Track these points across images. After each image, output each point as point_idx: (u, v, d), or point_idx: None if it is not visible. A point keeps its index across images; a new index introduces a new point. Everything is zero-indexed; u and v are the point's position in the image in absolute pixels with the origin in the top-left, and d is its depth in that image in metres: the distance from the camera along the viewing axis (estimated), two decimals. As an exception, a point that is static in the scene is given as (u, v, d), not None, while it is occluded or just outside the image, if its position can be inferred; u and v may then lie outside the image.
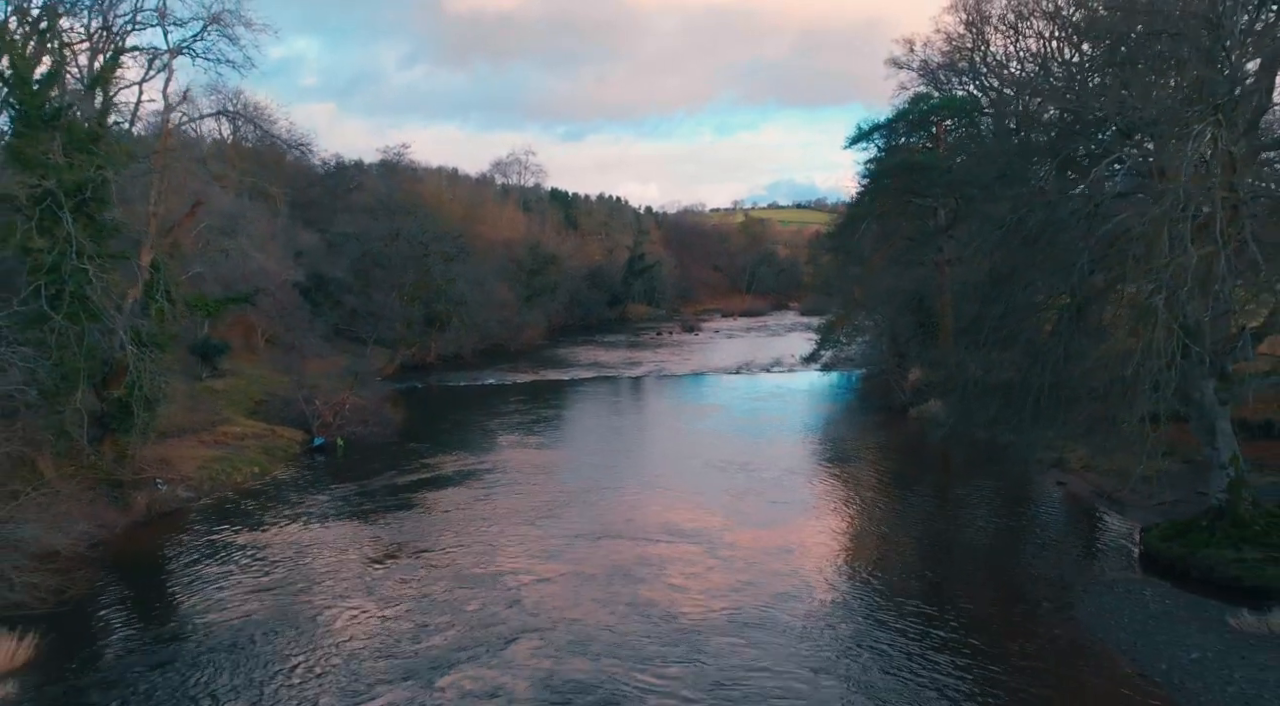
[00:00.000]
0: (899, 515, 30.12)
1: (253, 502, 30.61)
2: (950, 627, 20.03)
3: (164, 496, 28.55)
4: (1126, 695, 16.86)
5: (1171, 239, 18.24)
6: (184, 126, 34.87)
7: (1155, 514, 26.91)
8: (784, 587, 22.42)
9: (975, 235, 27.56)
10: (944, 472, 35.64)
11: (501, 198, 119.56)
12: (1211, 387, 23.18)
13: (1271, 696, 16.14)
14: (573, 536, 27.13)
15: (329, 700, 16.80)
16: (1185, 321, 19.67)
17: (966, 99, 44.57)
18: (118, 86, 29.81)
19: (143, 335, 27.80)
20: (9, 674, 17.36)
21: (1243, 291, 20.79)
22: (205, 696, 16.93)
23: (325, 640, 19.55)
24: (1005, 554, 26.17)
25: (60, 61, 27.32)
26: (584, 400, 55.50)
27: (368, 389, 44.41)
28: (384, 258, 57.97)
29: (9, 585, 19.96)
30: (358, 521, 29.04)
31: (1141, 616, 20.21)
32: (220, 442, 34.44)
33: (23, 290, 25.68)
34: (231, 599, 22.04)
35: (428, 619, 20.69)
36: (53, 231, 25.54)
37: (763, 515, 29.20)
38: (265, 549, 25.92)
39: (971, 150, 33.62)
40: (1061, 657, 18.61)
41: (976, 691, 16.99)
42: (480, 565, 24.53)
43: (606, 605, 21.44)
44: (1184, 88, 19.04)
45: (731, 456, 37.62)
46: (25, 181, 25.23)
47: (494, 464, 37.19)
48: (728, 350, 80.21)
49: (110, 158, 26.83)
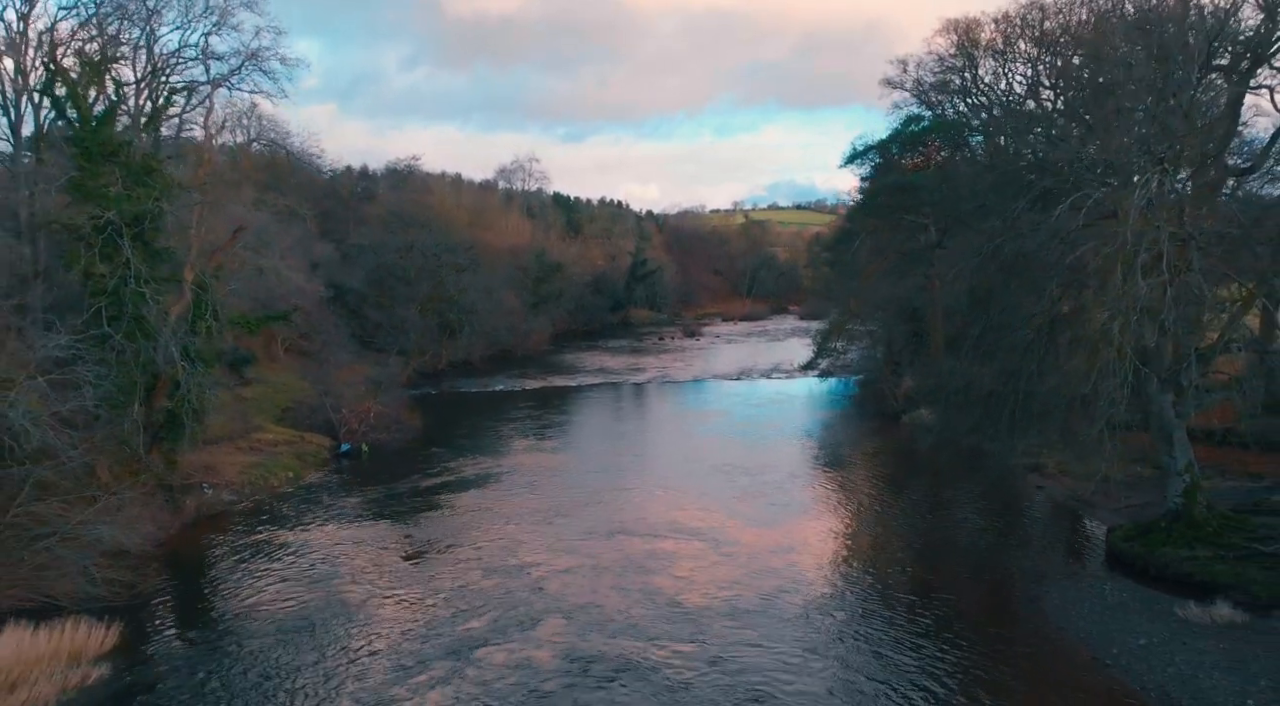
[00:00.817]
0: (889, 516, 32.56)
1: (290, 505, 33.02)
2: (932, 617, 22.46)
3: (210, 500, 30.96)
4: (1080, 676, 19.32)
5: (1124, 273, 20.64)
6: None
7: (1122, 516, 29.30)
8: (781, 581, 24.86)
9: (956, 260, 29.92)
10: (932, 476, 38.00)
11: (506, 204, 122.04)
12: (1169, 402, 25.61)
13: (1206, 676, 18.59)
14: (587, 533, 29.62)
15: (381, 676, 19.25)
16: (1140, 344, 22.11)
17: (956, 121, 46.91)
18: (165, 120, 32.20)
19: (191, 351, 30.22)
20: (100, 657, 19.72)
21: (1193, 315, 23.15)
22: (273, 673, 19.36)
23: (373, 625, 22.02)
24: (985, 551, 28.55)
25: (116, 101, 29.76)
26: (591, 406, 57.90)
27: (388, 396, 46.77)
28: (399, 269, 60.35)
29: (91, 580, 22.40)
30: (389, 521, 31.45)
31: (1100, 608, 22.65)
32: (256, 449, 36.83)
33: (84, 311, 28.07)
34: (283, 591, 24.47)
35: (462, 605, 23.22)
36: (113, 258, 27.96)
37: (763, 515, 31.62)
38: (307, 547, 28.34)
39: (955, 177, 35.84)
40: (1028, 644, 21.05)
41: (952, 672, 19.42)
42: (505, 559, 27.02)
43: (620, 592, 24.01)
44: (1136, 138, 21.41)
45: (733, 460, 40.04)
46: (89, 212, 27.64)
47: (510, 467, 39.59)
48: (728, 356, 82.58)
49: (163, 189, 29.24)
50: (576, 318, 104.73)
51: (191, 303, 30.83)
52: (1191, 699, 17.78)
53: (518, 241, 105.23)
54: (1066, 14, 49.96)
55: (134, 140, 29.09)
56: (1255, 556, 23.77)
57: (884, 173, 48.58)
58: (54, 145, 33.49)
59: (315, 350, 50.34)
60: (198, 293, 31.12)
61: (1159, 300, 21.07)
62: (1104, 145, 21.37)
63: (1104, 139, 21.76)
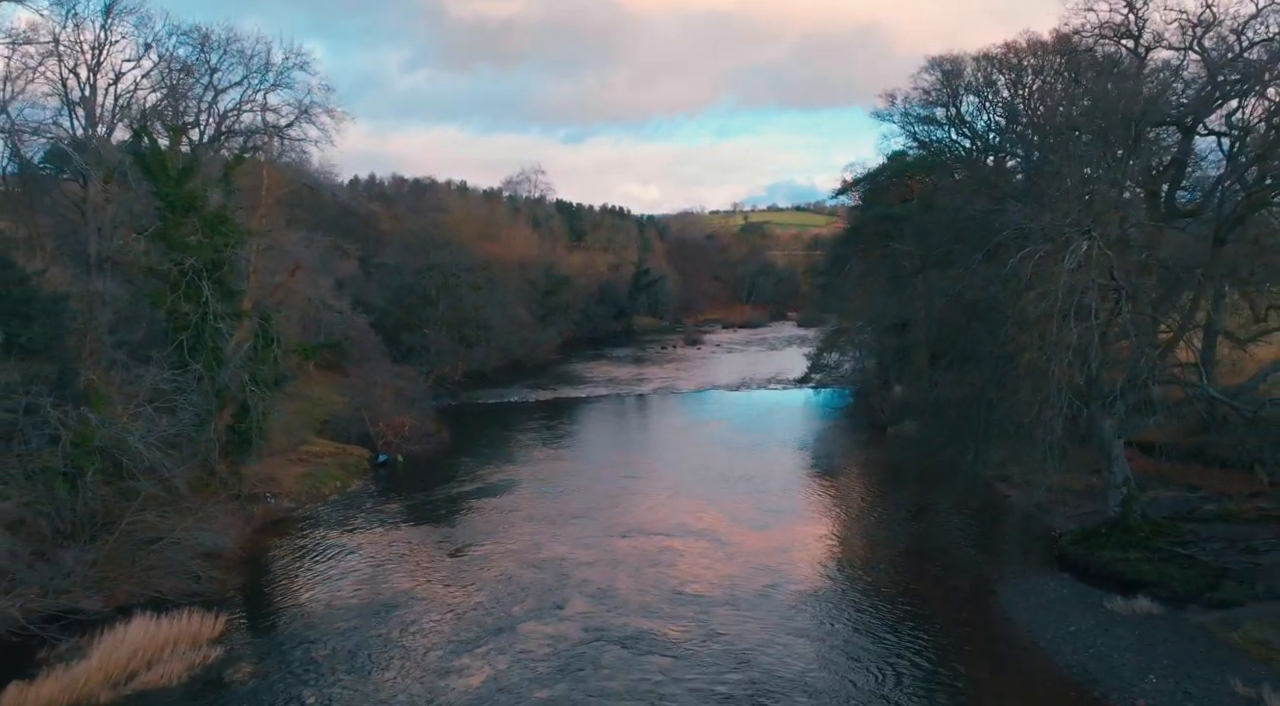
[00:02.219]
0: (874, 520, 36.82)
1: (340, 511, 37.24)
2: (904, 608, 26.73)
3: (273, 508, 35.18)
4: (1018, 656, 23.66)
5: (1058, 322, 24.88)
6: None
7: (1074, 521, 33.51)
8: (774, 577, 29.18)
9: (930, 296, 34.14)
10: (915, 485, 42.11)
11: (512, 215, 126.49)
12: (1108, 425, 29.87)
13: (1119, 656, 22.83)
14: (604, 532, 34.09)
15: (440, 653, 23.62)
16: (1073, 381, 26.37)
17: (937, 159, 51.08)
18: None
19: (258, 377, 34.45)
20: (212, 641, 23.90)
21: (1120, 354, 27.38)
22: (354, 649, 23.62)
23: (431, 609, 26.42)
24: (955, 552, 32.74)
25: (194, 159, 33.90)
26: (601, 416, 62.13)
27: (415, 408, 50.96)
28: (419, 287, 64.57)
29: (194, 578, 26.63)
30: (428, 524, 35.74)
31: (1043, 601, 26.89)
32: (305, 461, 41.00)
33: (167, 344, 32.29)
34: (348, 583, 28.77)
35: (502, 592, 27.89)
36: (195, 298, 32.16)
37: (760, 519, 35.90)
38: (361, 547, 32.59)
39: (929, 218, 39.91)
40: (980, 629, 25.35)
41: (917, 652, 23.67)
42: (534, 554, 31.59)
43: (634, 582, 28.75)
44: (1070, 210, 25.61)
45: (735, 468, 44.35)
46: (173, 259, 31.87)
47: (531, 475, 43.83)
48: (729, 365, 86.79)
49: (234, 236, 33.45)
50: (582, 326, 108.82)
51: (256, 333, 35.04)
52: (1104, 673, 22.04)
53: (526, 253, 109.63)
54: (1040, 56, 54.36)
55: (209, 193, 33.19)
56: (1176, 558, 28.05)
57: (872, 203, 52.78)
58: (121, 187, 37.69)
59: (346, 366, 54.45)
60: (262, 323, 35.33)
61: (1089, 343, 25.28)
62: (1044, 214, 25.55)
63: (1046, 207, 25.96)
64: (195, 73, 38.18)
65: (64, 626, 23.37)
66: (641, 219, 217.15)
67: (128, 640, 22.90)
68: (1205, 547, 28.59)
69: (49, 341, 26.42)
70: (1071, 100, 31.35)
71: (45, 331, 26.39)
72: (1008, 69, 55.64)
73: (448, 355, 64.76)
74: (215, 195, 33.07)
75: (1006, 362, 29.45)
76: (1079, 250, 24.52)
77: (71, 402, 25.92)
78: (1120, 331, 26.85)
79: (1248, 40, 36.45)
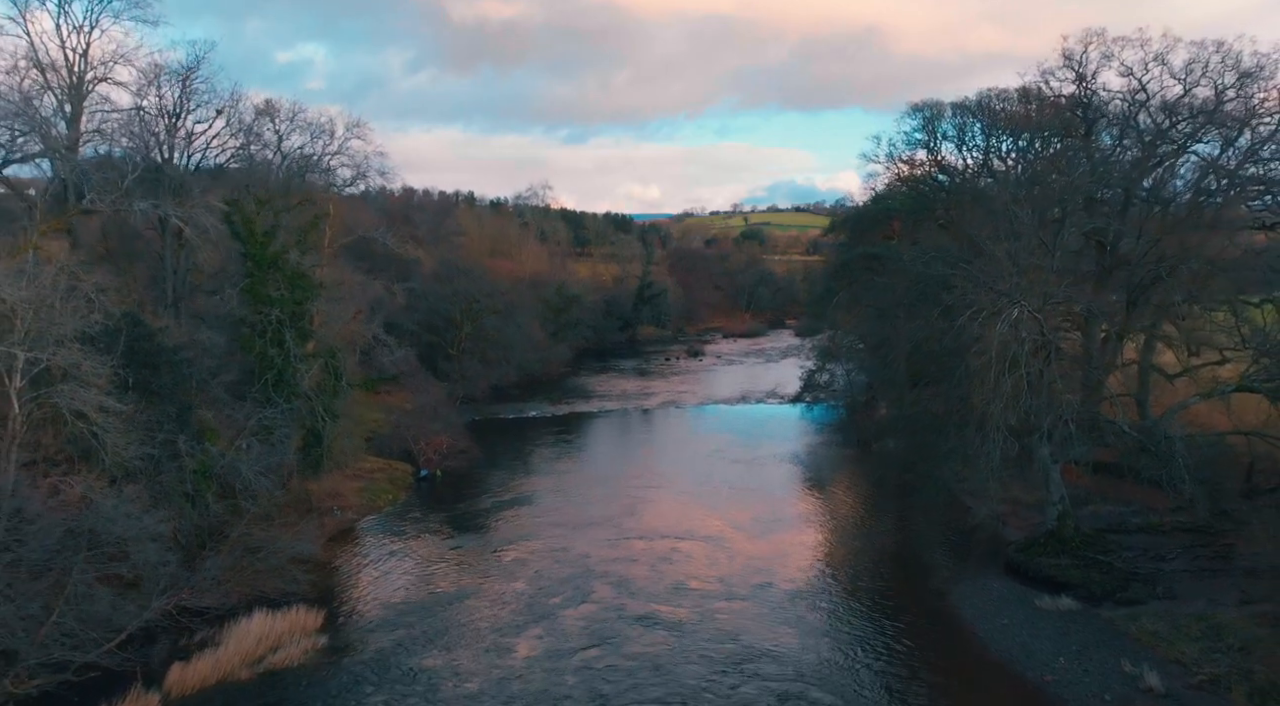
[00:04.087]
0: (855, 529, 42.83)
1: (395, 520, 43.21)
2: (874, 603, 32.83)
3: (340, 520, 41.11)
4: (960, 644, 29.70)
5: (995, 373, 30.86)
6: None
7: (1024, 532, 39.49)
8: (766, 575, 35.25)
9: (903, 331, 40.12)
10: (894, 497, 48.06)
11: (522, 230, 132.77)
12: (1046, 452, 35.87)
13: (1038, 643, 28.87)
14: (623, 536, 40.36)
15: (496, 632, 29.77)
16: (1016, 416, 32.34)
17: (916, 201, 56.99)
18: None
19: (328, 408, 40.43)
20: (317, 631, 29.82)
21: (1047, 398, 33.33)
22: (430, 632, 29.63)
23: (482, 600, 32.59)
24: (922, 557, 38.69)
25: (277, 223, 39.81)
26: (613, 431, 68.13)
27: (449, 426, 56.88)
28: (446, 312, 70.52)
29: (294, 581, 32.57)
30: (470, 530, 41.78)
31: (986, 599, 32.90)
32: (358, 476, 46.91)
33: (255, 382, 38.28)
34: (412, 581, 34.79)
35: (541, 584, 34.36)
36: (280, 344, 38.11)
37: (757, 526, 41.98)
38: (418, 551, 38.59)
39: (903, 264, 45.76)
40: (933, 621, 31.38)
41: (881, 637, 29.76)
42: (563, 553, 37.93)
43: (648, 576, 35.18)
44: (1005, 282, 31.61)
45: (735, 479, 50.55)
46: (261, 311, 37.87)
47: (554, 486, 49.84)
48: (728, 379, 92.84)
49: (310, 290, 39.46)
50: (590, 339, 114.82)
51: (326, 369, 41.03)
52: (1024, 656, 28.12)
53: (537, 268, 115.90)
54: (1010, 105, 60.33)
55: (290, 251, 39.12)
56: (1098, 564, 34.08)
57: (856, 242, 58.80)
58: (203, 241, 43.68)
59: (386, 387, 60.37)
60: (330, 361, 41.32)
61: (1020, 391, 31.28)
62: (980, 290, 31.57)
63: (983, 282, 31.97)
64: (263, 138, 44.20)
65: (202, 620, 29.32)
66: (644, 227, 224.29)
67: (252, 630, 28.84)
68: (1122, 556, 34.65)
69: (174, 386, 32.37)
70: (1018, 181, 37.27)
71: (171, 378, 32.34)
72: (982, 115, 61.75)
73: (473, 374, 70.68)
74: (294, 255, 39.01)
75: (960, 401, 35.45)
76: (1010, 316, 30.49)
77: (191, 437, 31.91)
78: (1050, 378, 32.84)
79: (1176, 118, 42.58)
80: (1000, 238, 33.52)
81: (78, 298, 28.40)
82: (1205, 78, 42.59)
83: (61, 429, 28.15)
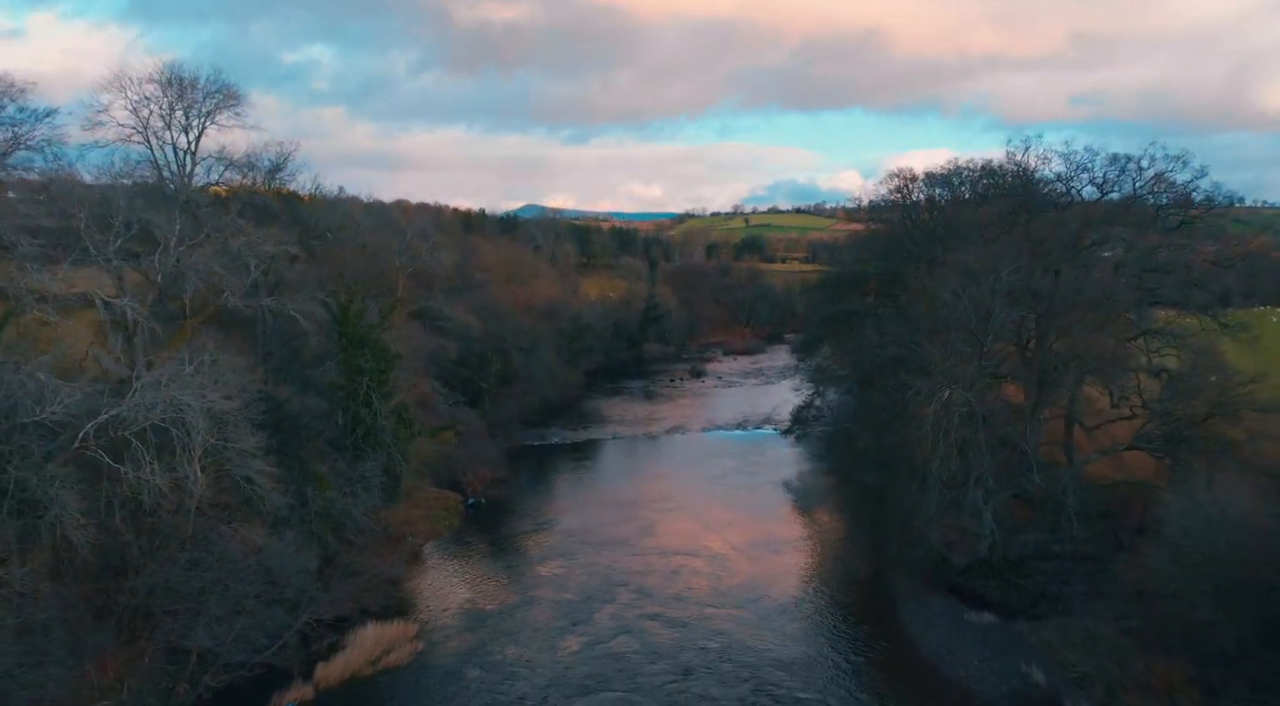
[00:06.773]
0: (831, 551, 52.37)
1: (455, 543, 52.65)
2: (840, 615, 42.36)
3: (412, 544, 50.54)
4: (901, 647, 39.24)
5: (932, 440, 40.29)
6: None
7: (966, 558, 48.84)
8: (756, 588, 44.78)
9: (866, 409, 49.64)
10: (869, 523, 57.37)
11: (533, 255, 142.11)
12: (980, 495, 45.35)
13: (961, 647, 38.33)
14: (643, 550, 50.14)
15: (550, 629, 39.39)
16: (947, 472, 41.81)
17: (892, 265, 66.36)
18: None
19: (402, 452, 49.87)
20: (415, 637, 39.20)
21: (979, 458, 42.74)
22: (507, 631, 39.02)
23: (536, 606, 42.14)
24: (881, 577, 48.07)
25: (363, 306, 49.14)
26: (627, 457, 77.69)
27: (487, 457, 66.30)
28: (480, 350, 79.94)
29: (388, 597, 41.95)
30: (517, 550, 51.31)
31: (928, 614, 42.35)
32: (420, 504, 56.24)
33: (348, 435, 47.71)
34: (478, 594, 44.28)
35: (583, 591, 44.19)
36: (368, 404, 47.52)
37: (751, 548, 51.54)
38: (477, 568, 48.12)
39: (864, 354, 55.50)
40: (883, 631, 40.85)
41: (845, 639, 39.24)
42: (594, 567, 47.64)
43: (663, 583, 45.15)
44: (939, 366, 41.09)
45: (734, 503, 60.36)
46: (354, 379, 47.30)
47: (581, 509, 59.35)
48: (729, 403, 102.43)
49: (390, 359, 48.89)
50: (600, 359, 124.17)
51: (399, 421, 50.46)
52: (947, 657, 37.59)
53: (550, 294, 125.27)
54: (974, 173, 69.76)
55: (377, 328, 48.59)
56: (1017, 586, 43.47)
57: (836, 298, 68.56)
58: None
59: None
60: (402, 414, 50.77)
61: (950, 455, 40.75)
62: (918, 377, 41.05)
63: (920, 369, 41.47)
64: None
65: (330, 630, 38.70)
66: (647, 238, 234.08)
67: (368, 637, 38.22)
68: (1036, 579, 44.05)
69: (298, 446, 41.78)
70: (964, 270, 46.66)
71: (296, 440, 41.76)
72: (948, 186, 71.25)
73: (502, 405, 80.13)
74: (377, 332, 48.53)
75: (906, 461, 44.92)
76: (942, 397, 39.95)
77: (314, 487, 41.35)
78: (977, 442, 42.28)
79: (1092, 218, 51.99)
80: (938, 329, 43.00)
81: (227, 379, 37.68)
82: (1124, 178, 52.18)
83: (225, 483, 37.58)
